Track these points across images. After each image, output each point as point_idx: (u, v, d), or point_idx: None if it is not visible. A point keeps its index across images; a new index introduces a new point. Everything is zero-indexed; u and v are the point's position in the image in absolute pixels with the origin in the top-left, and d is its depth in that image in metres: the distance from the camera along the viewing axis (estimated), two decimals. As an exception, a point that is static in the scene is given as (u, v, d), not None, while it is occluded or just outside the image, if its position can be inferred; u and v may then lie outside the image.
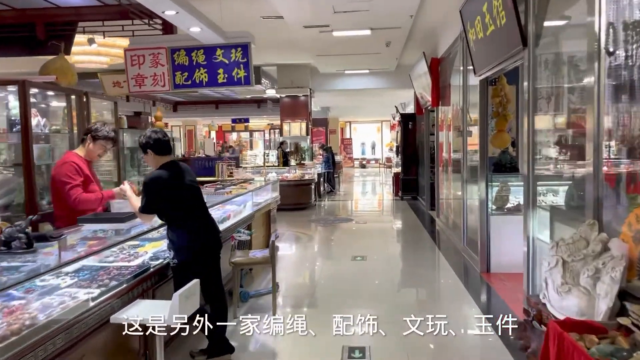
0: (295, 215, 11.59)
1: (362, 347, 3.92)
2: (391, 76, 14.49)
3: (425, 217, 11.23)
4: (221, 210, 5.49)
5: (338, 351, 3.87)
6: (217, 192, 6.00)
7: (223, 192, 6.06)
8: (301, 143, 14.06)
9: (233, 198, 5.85)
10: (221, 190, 6.17)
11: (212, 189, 6.35)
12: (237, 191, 6.34)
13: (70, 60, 10.47)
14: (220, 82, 7.04)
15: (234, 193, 6.09)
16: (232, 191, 6.28)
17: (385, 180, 23.74)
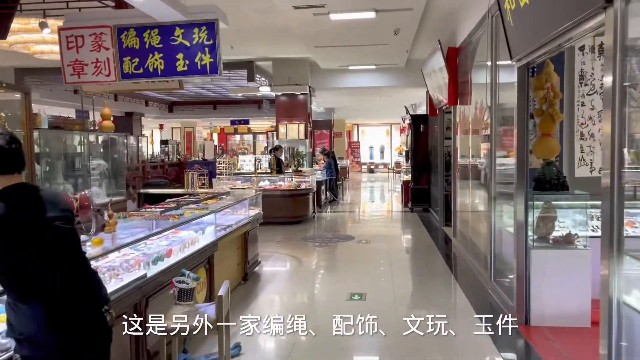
0: (288, 230, 10.05)
1: None
2: (401, 73, 12.92)
3: (439, 235, 9.63)
4: (156, 244, 3.96)
5: None
6: (164, 214, 4.46)
7: (175, 214, 4.53)
8: (299, 147, 12.52)
9: (183, 224, 4.31)
10: (172, 212, 4.64)
11: (160, 209, 4.82)
12: (198, 211, 4.80)
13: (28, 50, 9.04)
14: (179, 71, 5.52)
15: (188, 216, 4.55)
16: (190, 212, 4.75)
17: (393, 186, 22.17)
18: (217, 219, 5.42)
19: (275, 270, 6.98)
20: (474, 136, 7.04)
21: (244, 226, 6.02)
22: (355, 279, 6.44)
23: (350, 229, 10.44)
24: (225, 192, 6.57)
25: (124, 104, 18.93)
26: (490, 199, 5.73)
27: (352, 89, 13.71)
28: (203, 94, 20.39)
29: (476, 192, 6.98)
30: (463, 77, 7.80)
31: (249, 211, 6.46)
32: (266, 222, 10.75)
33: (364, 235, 9.52)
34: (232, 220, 5.80)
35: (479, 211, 6.74)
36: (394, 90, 14.43)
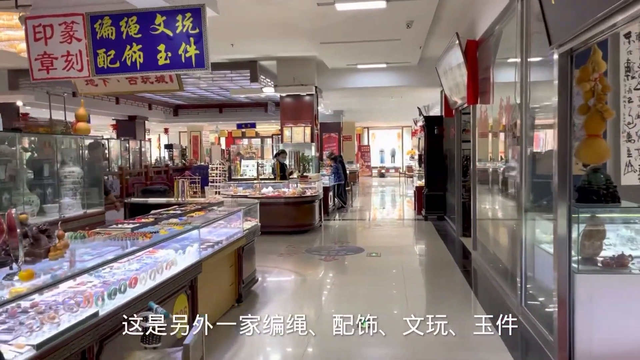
0: (293, 241, 9.31)
1: None
2: (413, 72, 12.15)
3: (457, 246, 8.84)
4: (123, 270, 3.24)
5: None
6: (135, 233, 3.73)
7: (147, 232, 3.80)
8: (305, 151, 11.79)
9: (150, 246, 3.58)
10: (145, 229, 3.91)
11: (135, 224, 4.10)
12: (177, 227, 4.07)
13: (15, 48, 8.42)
14: (161, 65, 4.87)
15: (163, 234, 3.82)
16: (168, 228, 4.02)
17: (405, 191, 21.37)
18: (203, 234, 4.70)
19: (275, 290, 6.23)
20: (498, 138, 6.26)
21: (237, 241, 5.29)
22: (363, 302, 5.68)
23: (360, 240, 9.68)
24: (218, 201, 5.84)
25: (126, 107, 18.34)
26: (520, 210, 4.94)
27: (362, 89, 12.96)
28: (208, 97, 19.76)
29: (501, 201, 6.19)
30: (484, 73, 7.03)
31: (244, 223, 5.73)
32: (269, 232, 10.04)
33: (374, 246, 8.75)
34: (222, 234, 5.06)
35: (506, 223, 5.96)
36: (405, 90, 13.66)
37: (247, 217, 6.24)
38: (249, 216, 6.26)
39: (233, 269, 5.44)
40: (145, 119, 20.21)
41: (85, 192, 5.44)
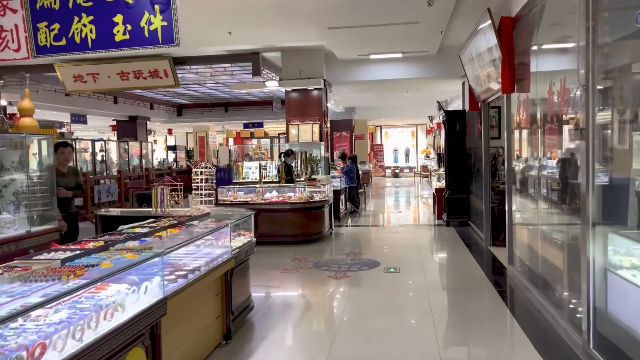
0: (299, 252, 8.23)
1: None
2: (432, 62, 11.00)
3: (486, 258, 7.70)
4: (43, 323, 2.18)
5: None
6: (67, 266, 2.66)
7: (82, 264, 2.72)
8: (313, 151, 10.69)
9: (86, 286, 2.50)
10: (80, 261, 2.83)
11: (75, 251, 3.02)
12: (130, 256, 2.99)
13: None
14: (119, 41, 3.80)
15: (105, 267, 2.75)
16: (117, 257, 2.94)
17: (421, 192, 20.19)
18: (174, 259, 3.63)
19: (275, 319, 5.14)
20: (545, 132, 5.12)
21: (223, 264, 4.21)
22: (384, 334, 4.57)
23: (375, 251, 8.56)
24: (202, 213, 4.77)
25: (126, 107, 17.40)
26: (585, 222, 3.80)
27: (375, 82, 11.83)
28: (213, 95, 18.77)
29: (550, 209, 5.04)
30: (522, 56, 5.88)
31: (235, 240, 4.66)
32: (273, 242, 8.99)
33: (391, 259, 7.63)
34: (202, 258, 3.99)
35: (559, 237, 4.81)
36: (423, 83, 12.50)
37: (240, 231, 5.18)
38: (243, 229, 5.19)
39: (219, 298, 4.36)
40: (147, 119, 19.27)
41: (33, 204, 4.38)
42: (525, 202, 6.06)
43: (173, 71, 10.68)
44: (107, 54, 4.07)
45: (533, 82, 5.46)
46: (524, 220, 6.25)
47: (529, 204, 5.88)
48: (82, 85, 11.13)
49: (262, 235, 8.98)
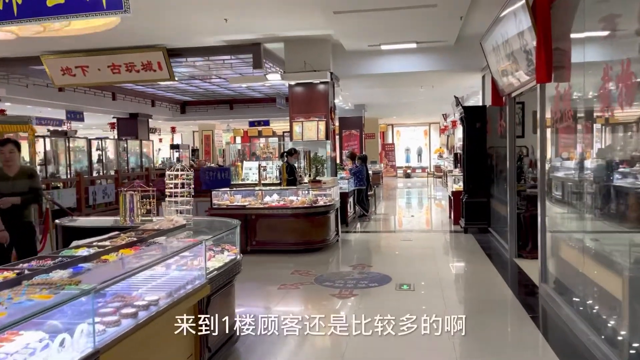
0: (301, 263, 7.38)
1: None
2: (449, 53, 10.07)
3: (512, 272, 6.81)
4: None
5: None
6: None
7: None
8: (318, 151, 9.81)
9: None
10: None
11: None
12: (38, 298, 2.15)
13: None
14: (51, 6, 2.93)
15: (1, 316, 1.90)
16: (22, 301, 2.10)
17: (434, 193, 19.28)
18: (123, 291, 2.79)
19: (264, 353, 4.27)
20: (592, 129, 4.20)
21: (195, 292, 3.35)
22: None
23: (385, 262, 7.67)
24: (174, 226, 3.91)
25: (126, 103, 16.65)
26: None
27: (386, 76, 10.91)
28: (217, 91, 17.98)
29: (598, 220, 4.12)
30: (560, 41, 4.96)
31: (214, 260, 3.81)
32: (273, 251, 8.14)
33: (404, 273, 6.74)
34: (165, 286, 3.13)
35: (613, 257, 3.89)
36: (438, 77, 11.57)
37: (225, 245, 4.33)
38: (227, 243, 4.34)
39: (190, 333, 3.50)
40: (148, 116, 18.53)
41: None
42: (564, 209, 5.14)
43: (167, 63, 9.88)
44: (96, 45, 3.28)
45: (578, 70, 4.54)
46: (561, 232, 5.33)
47: (569, 212, 4.96)
48: (71, 79, 10.36)
49: (260, 244, 8.16)
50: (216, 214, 8.22)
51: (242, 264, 4.39)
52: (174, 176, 4.29)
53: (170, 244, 3.44)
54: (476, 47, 8.73)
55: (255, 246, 8.13)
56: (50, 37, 7.49)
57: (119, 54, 9.80)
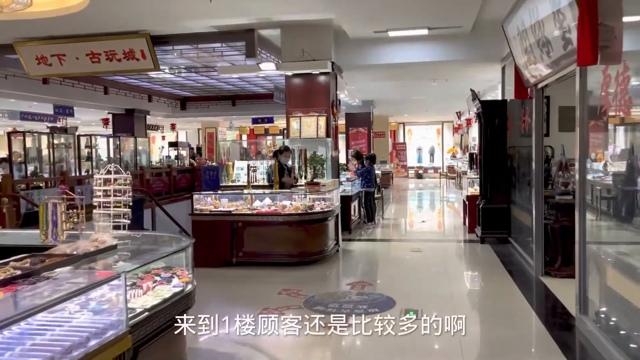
0: (292, 279, 6.39)
1: None
2: (465, 42, 8.98)
3: (540, 296, 5.75)
4: None
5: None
6: None
7: None
8: (318, 149, 8.78)
9: None
10: None
11: None
12: None
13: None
14: None
15: None
16: None
17: (447, 195, 18.19)
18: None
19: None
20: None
21: (105, 350, 2.34)
22: None
23: (390, 279, 6.62)
24: (103, 247, 2.93)
25: (120, 98, 15.74)
26: None
27: (395, 67, 9.83)
28: (218, 86, 17.03)
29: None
30: (608, 17, 3.89)
31: (150, 294, 2.81)
32: (262, 264, 7.15)
33: (412, 294, 5.70)
34: (53, 345, 2.13)
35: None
36: (453, 69, 10.48)
37: (177, 270, 3.33)
38: (179, 268, 3.34)
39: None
40: (146, 112, 17.62)
41: None
42: (611, 222, 4.08)
43: (151, 52, 8.90)
44: (74, 31, 2.38)
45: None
46: (603, 248, 4.26)
47: (618, 226, 3.90)
48: (47, 69, 9.44)
49: (248, 255, 7.17)
50: (198, 220, 7.26)
51: (226, 279, 3.41)
52: (104, 181, 3.28)
53: (75, 278, 2.44)
54: (496, 34, 7.67)
55: (242, 258, 7.15)
56: (25, 20, 6.56)
57: (98, 41, 8.85)
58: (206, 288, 6.51)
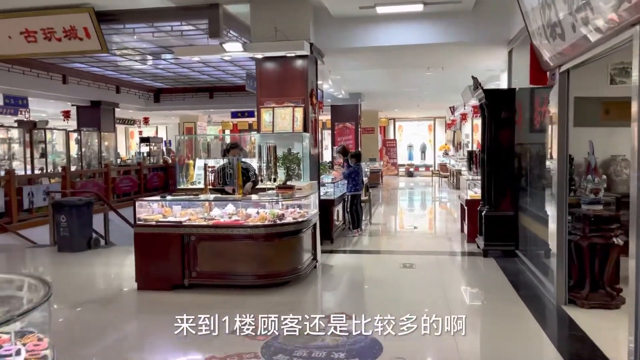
0: (252, 309, 5.01)
1: None
2: (466, 20, 7.70)
3: (567, 338, 4.49)
4: None
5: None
6: None
7: None
8: (293, 146, 7.46)
9: None
10: None
11: None
12: None
13: None
14: None
15: None
16: None
17: (439, 194, 17.02)
18: None
19: None
20: None
21: None
22: None
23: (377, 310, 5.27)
24: None
25: (82, 88, 14.28)
26: None
27: (384, 51, 8.51)
28: (194, 77, 15.66)
29: None
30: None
31: None
32: (220, 286, 5.83)
33: (403, 337, 4.40)
34: None
35: None
36: (451, 53, 9.17)
37: (32, 338, 2.00)
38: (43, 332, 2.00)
39: None
40: (114, 105, 16.18)
41: None
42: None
43: (97, 30, 7.55)
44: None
45: None
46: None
47: None
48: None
49: (203, 276, 5.84)
50: (142, 233, 5.91)
51: (170, 308, 2.18)
52: None
53: None
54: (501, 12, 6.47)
55: (195, 279, 5.82)
56: None
57: (33, 16, 7.50)
58: (144, 323, 5.25)
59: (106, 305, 5.57)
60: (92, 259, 7.87)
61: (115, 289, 6.08)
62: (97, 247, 8.45)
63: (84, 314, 5.25)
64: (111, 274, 7.26)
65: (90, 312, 5.33)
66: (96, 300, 5.69)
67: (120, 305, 5.59)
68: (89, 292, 6.06)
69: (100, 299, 5.72)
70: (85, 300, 5.69)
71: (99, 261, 7.83)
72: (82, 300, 5.68)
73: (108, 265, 7.63)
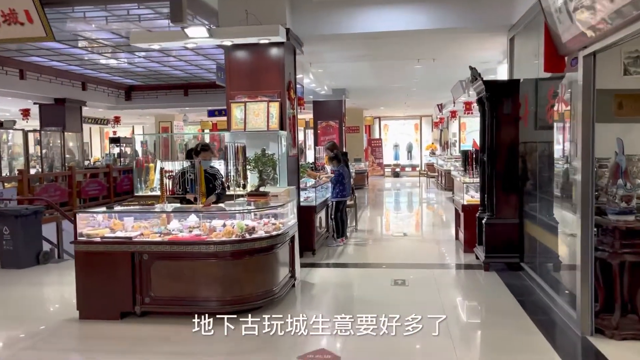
0: (213, 342, 4.17)
1: None
2: (462, 4, 6.83)
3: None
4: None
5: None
6: None
7: None
8: (269, 146, 6.51)
9: None
10: None
11: None
12: None
13: None
14: None
15: None
16: None
17: (428, 195, 16.27)
18: None
19: None
20: None
21: None
22: None
23: (364, 347, 4.36)
24: None
25: (43, 85, 13.14)
26: None
27: (370, 38, 7.56)
28: (167, 73, 14.64)
29: None
30: None
31: None
32: (178, 314, 4.88)
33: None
34: None
35: None
36: (444, 42, 8.29)
37: None
38: None
39: None
40: (81, 103, 15.06)
41: None
42: None
43: (40, 13, 6.53)
44: None
45: None
46: None
47: None
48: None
49: (158, 302, 4.89)
50: (85, 251, 4.93)
51: (110, 347, 1.90)
52: None
53: None
54: None
55: (149, 305, 4.86)
56: None
57: (-36, -2, 6.43)
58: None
59: (37, 341, 4.57)
60: (39, 277, 6.86)
61: (53, 319, 5.09)
62: (48, 262, 7.44)
63: (3, 355, 4.27)
64: (55, 296, 6.27)
65: (10, 351, 4.34)
66: (26, 335, 4.68)
67: (55, 342, 4.59)
68: (20, 322, 5.05)
69: (32, 333, 4.72)
70: (12, 335, 4.70)
71: (46, 279, 6.82)
72: (8, 336, 4.70)
73: (54, 285, 6.64)
